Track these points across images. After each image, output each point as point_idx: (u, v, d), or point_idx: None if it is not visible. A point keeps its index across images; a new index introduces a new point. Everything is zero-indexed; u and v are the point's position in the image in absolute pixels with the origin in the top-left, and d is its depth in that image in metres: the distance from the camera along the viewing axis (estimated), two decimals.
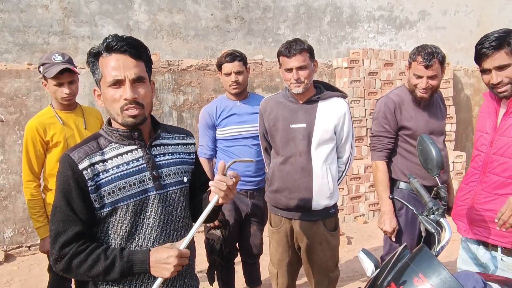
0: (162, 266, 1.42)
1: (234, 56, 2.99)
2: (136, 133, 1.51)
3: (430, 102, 2.71)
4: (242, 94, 3.08)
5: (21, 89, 4.49)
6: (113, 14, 5.48)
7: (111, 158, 1.48)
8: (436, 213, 1.65)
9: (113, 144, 1.51)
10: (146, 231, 1.50)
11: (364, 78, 5.91)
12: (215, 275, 3.26)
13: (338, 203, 2.74)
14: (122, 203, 1.46)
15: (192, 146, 1.73)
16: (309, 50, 2.48)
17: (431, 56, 2.52)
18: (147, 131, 1.58)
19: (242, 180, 2.95)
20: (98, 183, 1.44)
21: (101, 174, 1.45)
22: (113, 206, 1.45)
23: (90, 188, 1.42)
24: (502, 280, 1.65)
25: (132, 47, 1.46)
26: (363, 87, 5.92)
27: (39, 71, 2.63)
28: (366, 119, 5.98)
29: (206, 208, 1.55)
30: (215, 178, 1.54)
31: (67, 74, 2.58)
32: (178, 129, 1.76)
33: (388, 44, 7.28)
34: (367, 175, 5.85)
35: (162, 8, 5.75)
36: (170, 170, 1.58)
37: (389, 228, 2.68)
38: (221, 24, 6.10)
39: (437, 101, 2.79)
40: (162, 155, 1.58)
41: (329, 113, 2.53)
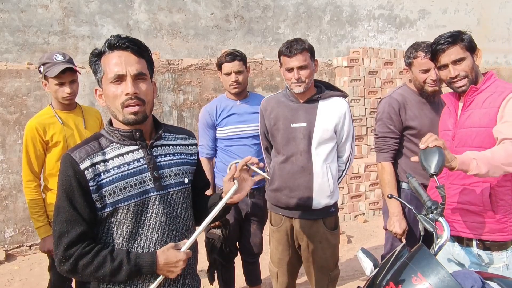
0: (171, 270, 1.46)
1: (234, 55, 2.99)
2: (137, 133, 1.51)
3: (434, 101, 2.71)
4: (242, 94, 3.08)
5: (21, 88, 4.49)
6: (113, 13, 5.49)
7: (112, 158, 1.48)
8: (434, 212, 1.66)
9: (114, 144, 1.51)
10: (148, 232, 1.50)
11: (364, 77, 5.91)
12: (215, 274, 3.27)
13: (338, 202, 2.74)
14: (123, 204, 1.46)
15: (194, 147, 1.73)
16: (309, 50, 2.49)
17: (430, 48, 2.55)
18: (149, 131, 1.58)
19: None
20: (100, 183, 1.44)
21: (102, 174, 1.45)
22: (114, 207, 1.45)
23: (91, 188, 1.42)
24: (501, 278, 1.65)
25: (134, 44, 1.47)
26: (363, 86, 5.92)
27: (39, 71, 2.64)
28: (366, 118, 5.98)
29: (220, 202, 1.59)
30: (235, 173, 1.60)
31: (69, 74, 2.59)
32: (180, 129, 1.76)
33: (388, 43, 7.28)
34: (367, 174, 5.86)
35: (162, 7, 5.76)
36: (171, 171, 1.58)
37: (399, 229, 2.66)
38: (221, 23, 6.10)
39: (440, 99, 2.79)
40: (163, 156, 1.58)
41: (329, 112, 2.54)
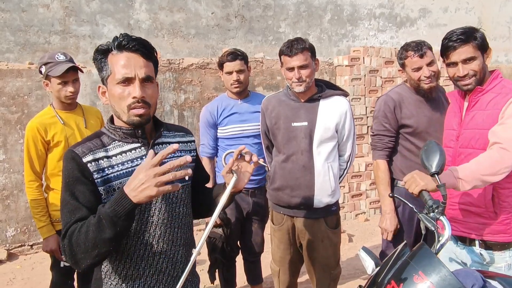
0: (142, 191, 1.26)
1: (235, 55, 3.00)
2: (139, 131, 1.52)
3: (433, 98, 2.72)
4: (243, 93, 3.09)
5: (22, 88, 4.50)
6: (114, 13, 5.49)
7: (116, 155, 1.49)
8: (436, 211, 1.66)
9: (116, 142, 1.51)
10: (151, 229, 1.51)
11: (364, 76, 5.91)
12: (217, 273, 3.27)
13: (339, 201, 2.75)
14: None
15: (192, 143, 1.75)
16: (310, 49, 2.50)
17: (420, 45, 2.59)
18: (149, 130, 1.59)
19: None
20: (105, 177, 1.44)
21: (106, 169, 1.45)
22: None
23: (96, 180, 1.42)
24: (502, 276, 1.66)
25: (143, 47, 1.47)
26: (364, 85, 5.92)
27: (40, 72, 2.64)
28: (367, 117, 5.98)
29: (223, 196, 1.57)
30: (230, 163, 1.58)
31: (71, 73, 2.60)
32: (178, 127, 1.77)
33: (388, 41, 7.28)
34: (368, 173, 5.86)
35: (162, 7, 5.76)
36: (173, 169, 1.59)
37: (390, 227, 2.69)
38: (221, 22, 6.10)
39: (439, 97, 2.79)
40: None
41: (330, 111, 2.54)
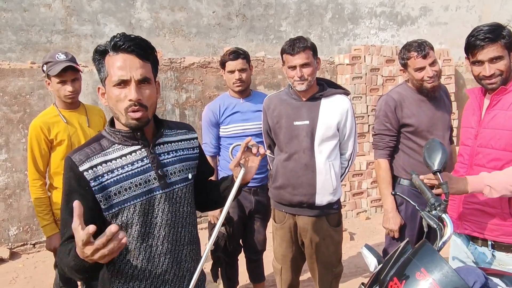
0: (84, 253, 1.19)
1: (237, 54, 3.00)
2: (139, 133, 1.50)
3: (434, 97, 2.73)
4: (245, 92, 3.09)
5: (24, 87, 4.51)
6: (115, 12, 5.50)
7: (115, 159, 1.47)
8: (438, 208, 1.67)
9: (116, 145, 1.50)
10: (155, 230, 1.51)
11: (365, 74, 5.91)
12: (219, 272, 3.29)
13: (340, 199, 2.76)
14: (129, 204, 1.46)
15: (195, 140, 1.72)
16: (312, 48, 2.50)
17: (422, 46, 2.59)
18: (150, 130, 1.57)
19: None
20: (103, 184, 1.43)
21: (105, 175, 1.44)
22: (120, 207, 1.45)
23: (93, 188, 1.41)
24: (503, 274, 1.67)
25: (139, 47, 1.44)
26: (365, 84, 5.92)
27: (43, 70, 2.66)
28: (368, 116, 5.99)
29: (233, 189, 1.60)
30: (238, 155, 1.63)
31: (70, 72, 2.60)
32: (180, 124, 1.75)
33: (389, 40, 7.28)
34: (369, 172, 5.87)
35: (164, 6, 5.77)
36: (175, 168, 1.58)
37: (394, 226, 2.70)
38: (223, 21, 6.11)
39: (441, 96, 2.80)
40: (166, 154, 1.58)
41: (332, 110, 2.55)
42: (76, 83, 2.67)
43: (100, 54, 1.47)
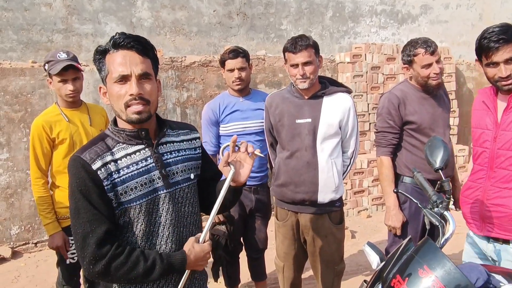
0: (200, 264, 1.56)
1: (237, 52, 3.01)
2: (143, 132, 1.51)
3: (436, 94, 2.73)
4: (245, 90, 3.10)
5: (25, 87, 4.51)
6: (116, 11, 5.50)
7: (121, 159, 1.47)
8: (440, 206, 1.67)
9: (120, 144, 1.50)
10: (159, 230, 1.51)
11: (366, 72, 5.91)
12: (220, 271, 3.29)
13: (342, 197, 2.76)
14: (135, 203, 1.46)
15: (197, 140, 1.73)
16: (314, 46, 2.51)
17: (429, 42, 2.61)
18: (153, 130, 1.57)
19: None
20: (113, 182, 1.43)
21: (114, 174, 1.44)
22: (126, 206, 1.45)
23: (106, 187, 1.42)
24: (506, 271, 1.67)
25: (139, 44, 1.46)
26: (366, 82, 5.92)
27: (44, 69, 2.66)
28: (369, 114, 5.99)
29: (222, 189, 1.60)
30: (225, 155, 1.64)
31: (71, 71, 2.61)
32: (182, 124, 1.75)
33: (390, 38, 7.27)
34: (371, 170, 5.87)
35: (164, 4, 5.77)
36: (178, 168, 1.59)
37: (396, 223, 2.70)
38: (223, 20, 6.11)
39: (441, 94, 2.80)
40: (169, 153, 1.58)
41: (334, 108, 2.56)
42: (77, 82, 2.67)
43: (100, 54, 1.48)
